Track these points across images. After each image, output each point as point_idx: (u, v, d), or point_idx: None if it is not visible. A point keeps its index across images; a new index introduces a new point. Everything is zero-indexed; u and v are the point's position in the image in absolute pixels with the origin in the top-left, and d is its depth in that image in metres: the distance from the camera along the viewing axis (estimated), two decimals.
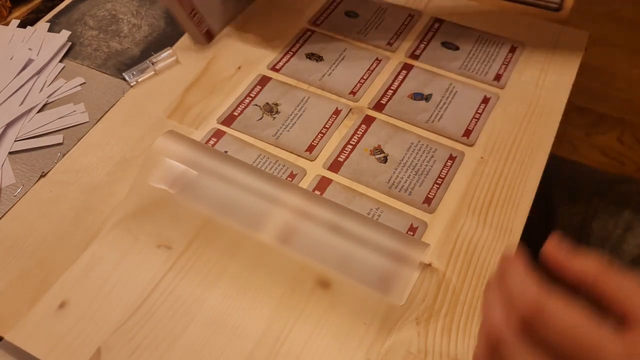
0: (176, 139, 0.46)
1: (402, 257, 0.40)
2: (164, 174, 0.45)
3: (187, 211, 0.46)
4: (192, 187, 0.45)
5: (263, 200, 0.44)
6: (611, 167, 1.26)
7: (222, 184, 0.45)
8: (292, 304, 0.41)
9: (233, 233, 0.44)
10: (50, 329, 0.40)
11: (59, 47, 0.58)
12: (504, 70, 0.56)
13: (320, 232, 0.42)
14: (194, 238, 0.44)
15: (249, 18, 0.61)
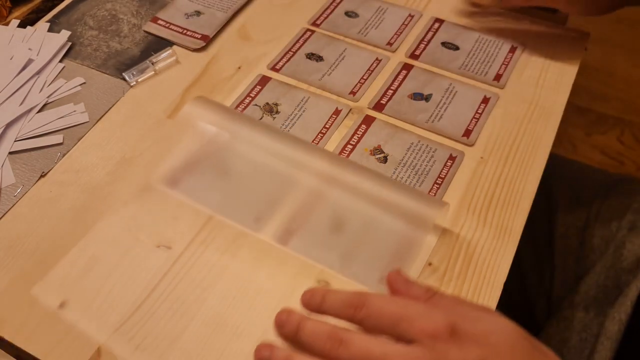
0: (205, 104, 0.49)
1: (421, 218, 0.43)
2: (194, 138, 0.48)
3: (187, 211, 0.46)
4: (223, 149, 0.47)
5: (291, 164, 0.46)
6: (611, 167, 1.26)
7: (252, 147, 0.47)
8: (292, 304, 0.41)
9: (233, 233, 0.44)
10: (50, 329, 0.40)
11: (59, 47, 0.58)
12: (504, 70, 0.56)
13: (345, 196, 0.45)
14: (194, 238, 0.44)
15: (249, 18, 0.61)
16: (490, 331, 0.32)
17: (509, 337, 0.32)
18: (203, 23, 0.60)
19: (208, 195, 0.46)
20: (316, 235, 0.44)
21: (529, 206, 0.46)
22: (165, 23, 0.60)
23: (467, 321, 0.32)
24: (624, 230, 0.57)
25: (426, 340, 0.31)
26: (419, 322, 0.31)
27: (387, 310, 0.33)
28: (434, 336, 0.31)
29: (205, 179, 0.47)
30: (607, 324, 0.50)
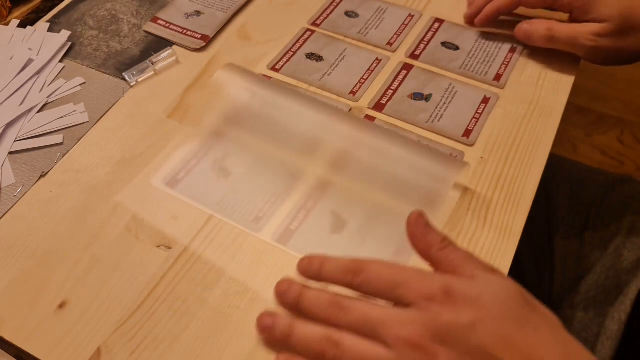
0: (236, 71, 0.52)
1: (443, 177, 0.45)
2: (226, 104, 0.51)
3: (187, 211, 0.46)
4: (254, 114, 0.50)
5: (318, 127, 0.48)
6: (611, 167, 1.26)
7: (282, 111, 0.49)
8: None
9: (233, 233, 0.44)
10: (50, 329, 0.40)
11: (59, 47, 0.58)
12: (504, 70, 0.56)
13: (370, 157, 0.47)
14: (194, 238, 0.44)
15: (249, 18, 0.61)
16: (486, 292, 0.32)
17: (504, 298, 0.32)
18: (203, 23, 0.60)
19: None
20: (343, 194, 0.46)
21: (529, 206, 0.46)
22: (165, 23, 0.60)
23: (463, 283, 0.33)
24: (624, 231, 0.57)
25: (422, 302, 0.32)
26: (415, 285, 0.33)
27: (384, 275, 0.34)
28: (429, 298, 0.32)
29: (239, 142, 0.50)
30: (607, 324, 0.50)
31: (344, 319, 0.33)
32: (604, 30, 0.51)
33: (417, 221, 0.36)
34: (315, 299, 0.35)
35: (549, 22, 0.54)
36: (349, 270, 0.35)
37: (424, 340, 0.31)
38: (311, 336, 0.34)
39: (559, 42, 0.53)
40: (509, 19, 0.59)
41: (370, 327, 0.33)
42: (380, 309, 0.33)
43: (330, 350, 0.33)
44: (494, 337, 0.31)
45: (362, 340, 0.33)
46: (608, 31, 0.50)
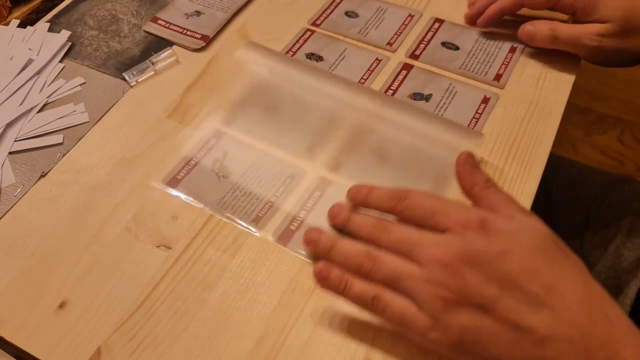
0: (257, 49, 0.55)
1: (458, 148, 0.46)
2: (249, 80, 0.54)
3: (187, 211, 0.46)
4: (274, 90, 0.53)
5: (336, 102, 0.51)
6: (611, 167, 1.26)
7: (302, 87, 0.52)
8: (292, 304, 0.41)
9: (233, 233, 0.44)
10: (50, 329, 0.40)
11: (59, 47, 0.58)
12: (504, 70, 0.56)
13: (389, 130, 0.49)
14: (194, 238, 0.44)
15: (249, 18, 0.61)
16: (519, 230, 0.35)
17: (537, 237, 0.35)
18: (203, 23, 0.60)
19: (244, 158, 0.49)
20: (363, 165, 0.48)
21: (529, 206, 0.46)
22: (165, 23, 0.60)
23: (499, 219, 0.35)
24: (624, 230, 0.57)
25: (457, 229, 0.35)
26: (453, 214, 0.36)
27: (426, 203, 0.37)
28: (464, 226, 0.35)
29: (255, 118, 0.52)
30: None
31: (384, 238, 0.37)
32: (607, 30, 0.51)
33: (466, 160, 0.39)
34: (361, 220, 0.39)
35: (552, 22, 0.54)
36: (394, 196, 0.38)
37: (454, 261, 0.34)
38: (351, 250, 0.37)
39: (562, 42, 0.53)
40: (510, 18, 0.59)
41: (407, 247, 0.36)
42: (419, 232, 0.36)
43: (367, 264, 0.36)
44: (521, 267, 0.33)
45: (398, 258, 0.36)
46: (611, 32, 0.51)
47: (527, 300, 0.32)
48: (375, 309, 0.36)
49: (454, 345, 0.34)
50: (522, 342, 0.32)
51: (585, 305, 0.32)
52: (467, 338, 0.33)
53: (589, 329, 0.32)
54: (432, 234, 0.36)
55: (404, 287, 0.35)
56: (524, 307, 0.32)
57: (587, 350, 0.31)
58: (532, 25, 0.54)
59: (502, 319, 0.33)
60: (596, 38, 0.51)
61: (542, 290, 0.33)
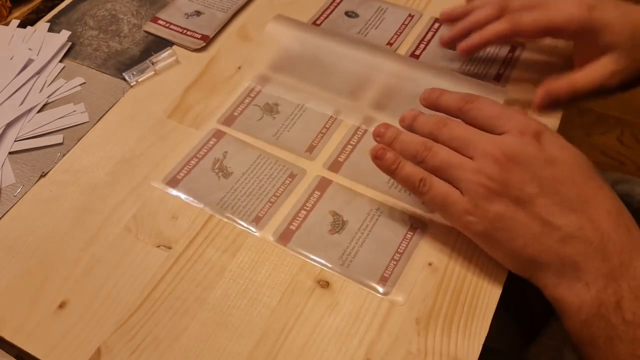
0: (286, 22, 0.58)
1: None
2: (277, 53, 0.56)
3: (187, 211, 0.46)
4: (304, 60, 0.55)
5: (365, 65, 0.54)
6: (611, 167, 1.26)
7: (329, 55, 0.55)
8: (292, 304, 0.41)
9: (233, 232, 0.44)
10: (50, 329, 0.40)
11: (59, 47, 0.58)
12: (504, 70, 0.56)
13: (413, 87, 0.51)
14: (194, 238, 0.44)
15: (249, 18, 0.61)
16: (567, 148, 0.40)
17: (578, 156, 0.39)
18: (203, 23, 0.60)
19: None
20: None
21: None
22: (165, 23, 0.60)
23: (554, 135, 0.40)
24: None
25: (515, 132, 0.39)
26: (514, 120, 0.39)
27: (491, 107, 0.41)
28: (521, 132, 0.39)
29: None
30: None
31: (444, 132, 0.40)
32: (618, 62, 0.46)
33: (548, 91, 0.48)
34: (425, 119, 0.42)
35: (567, 78, 0.48)
36: (464, 98, 0.42)
37: (503, 157, 0.38)
38: (412, 139, 0.41)
39: (582, 94, 0.48)
40: None
41: (463, 143, 0.39)
42: (477, 131, 0.40)
43: (423, 152, 0.40)
44: (562, 175, 0.38)
45: (453, 151, 0.40)
46: (622, 62, 0.46)
47: (562, 204, 0.37)
48: (420, 189, 0.40)
49: (485, 230, 0.39)
50: (547, 237, 0.37)
51: (612, 216, 0.37)
52: (499, 225, 0.38)
53: (610, 235, 0.36)
54: (490, 134, 0.39)
55: (453, 175, 0.39)
56: (557, 208, 0.37)
57: (604, 252, 0.35)
58: (546, 92, 0.48)
59: (534, 214, 0.37)
60: (618, 77, 0.47)
61: (577, 198, 0.37)
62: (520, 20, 0.48)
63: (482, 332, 0.39)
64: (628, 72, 0.47)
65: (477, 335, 0.39)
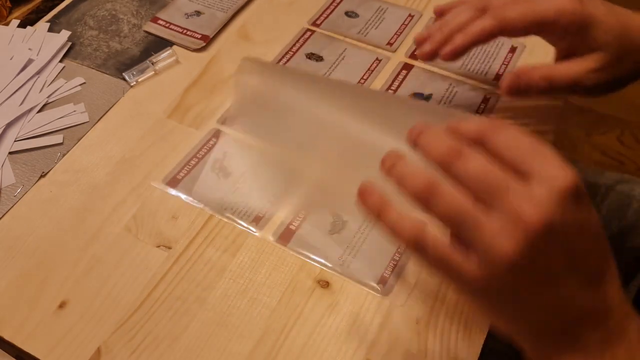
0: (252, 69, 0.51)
1: None
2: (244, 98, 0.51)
3: (187, 211, 0.46)
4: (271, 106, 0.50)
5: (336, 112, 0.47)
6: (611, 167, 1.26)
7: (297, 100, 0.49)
8: (292, 303, 0.41)
9: (233, 232, 0.44)
10: (50, 329, 0.40)
11: (59, 47, 0.58)
12: (504, 70, 0.56)
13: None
14: (194, 238, 0.44)
15: (249, 18, 0.61)
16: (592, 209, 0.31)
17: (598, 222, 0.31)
18: (203, 23, 0.60)
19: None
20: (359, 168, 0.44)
21: None
22: (165, 23, 0.60)
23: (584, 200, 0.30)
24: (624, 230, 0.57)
25: (552, 186, 0.29)
26: (549, 166, 0.29)
27: (520, 139, 0.31)
28: (560, 188, 0.29)
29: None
30: None
31: (458, 168, 0.30)
32: (602, 62, 0.44)
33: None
34: (433, 140, 0.32)
35: (542, 68, 0.45)
36: (485, 126, 0.31)
37: (540, 226, 0.28)
38: (413, 171, 0.31)
39: (558, 88, 0.46)
40: None
41: (485, 188, 0.29)
42: (504, 175, 0.29)
43: (425, 193, 0.31)
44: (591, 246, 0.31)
45: (466, 198, 0.30)
46: (606, 63, 0.44)
47: (584, 280, 0.31)
48: (413, 247, 0.31)
49: (491, 301, 0.32)
50: (561, 316, 0.31)
51: (618, 287, 0.33)
52: (511, 298, 0.31)
53: (615, 307, 0.33)
54: (520, 184, 0.29)
55: (465, 233, 0.30)
56: (579, 287, 0.31)
57: (606, 324, 0.32)
58: (517, 76, 0.45)
59: (556, 295, 0.30)
60: (594, 76, 0.45)
61: (597, 271, 0.32)
62: (506, 15, 0.43)
63: (482, 332, 0.39)
64: (609, 72, 0.45)
65: (477, 335, 0.39)
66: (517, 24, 0.43)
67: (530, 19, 0.43)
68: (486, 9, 0.44)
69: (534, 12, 0.43)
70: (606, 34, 0.43)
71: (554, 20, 0.43)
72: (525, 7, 0.43)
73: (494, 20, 0.43)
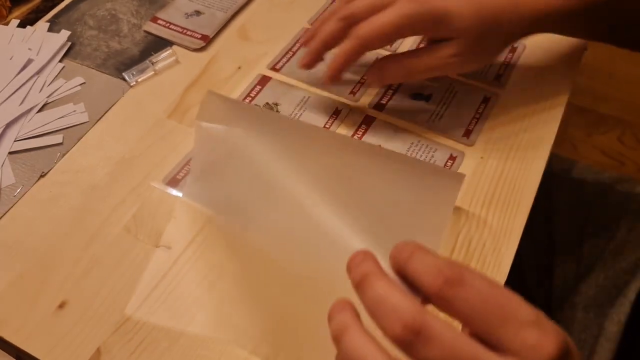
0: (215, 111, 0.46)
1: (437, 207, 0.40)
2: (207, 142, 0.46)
3: (187, 211, 0.46)
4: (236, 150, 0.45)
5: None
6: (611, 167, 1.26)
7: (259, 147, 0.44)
8: (293, 303, 0.41)
9: (233, 233, 0.44)
10: (50, 329, 0.40)
11: (59, 47, 0.58)
12: (504, 71, 0.56)
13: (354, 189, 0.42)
14: (194, 238, 0.44)
15: (249, 18, 0.61)
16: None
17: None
18: (203, 23, 0.60)
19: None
20: None
21: (529, 206, 0.46)
22: (165, 23, 0.60)
23: None
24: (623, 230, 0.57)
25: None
26: (529, 332, 0.24)
27: (490, 299, 0.25)
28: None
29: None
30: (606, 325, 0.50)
31: (421, 352, 0.24)
32: (461, 48, 0.46)
33: None
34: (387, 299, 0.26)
35: (401, 58, 0.48)
36: (444, 274, 0.26)
37: None
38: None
39: (418, 76, 0.49)
40: None
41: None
42: (474, 346, 0.24)
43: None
44: None
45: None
46: (466, 47, 0.46)
47: None
48: None
49: None
50: None
51: None
52: None
53: None
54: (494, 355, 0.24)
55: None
56: None
57: None
58: (379, 68, 0.48)
59: None
60: (456, 59, 0.46)
61: None
62: (361, 34, 0.45)
63: None
64: (472, 52, 0.47)
65: None
66: (373, 40, 0.45)
67: (381, 32, 0.44)
68: (348, 17, 0.46)
69: (380, 25, 0.44)
70: (461, 22, 0.44)
71: (401, 26, 0.44)
72: (374, 22, 0.44)
73: (355, 40, 0.45)
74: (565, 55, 0.56)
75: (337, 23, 0.46)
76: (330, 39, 0.47)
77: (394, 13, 0.44)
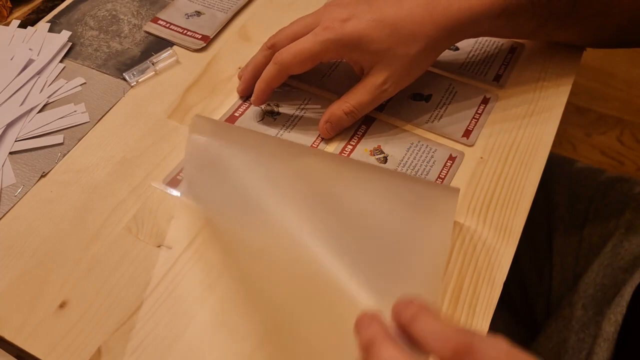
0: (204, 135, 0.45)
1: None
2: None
3: (187, 211, 0.46)
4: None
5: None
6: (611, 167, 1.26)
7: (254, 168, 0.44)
8: (293, 303, 0.41)
9: (233, 233, 0.44)
10: (50, 329, 0.40)
11: (60, 47, 0.58)
12: (504, 70, 0.56)
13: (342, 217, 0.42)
14: (194, 238, 0.44)
15: (249, 18, 0.61)
16: None
17: None
18: (203, 23, 0.60)
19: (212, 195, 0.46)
20: None
21: (529, 206, 0.46)
22: (166, 23, 0.60)
23: None
24: (622, 229, 0.57)
25: None
26: None
27: None
28: None
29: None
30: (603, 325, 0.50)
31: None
32: (387, 68, 0.46)
33: None
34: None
35: (340, 103, 0.49)
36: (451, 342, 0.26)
37: None
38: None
39: (364, 112, 0.49)
40: None
41: None
42: None
43: None
44: None
45: None
46: (389, 67, 0.46)
47: None
48: None
49: None
50: None
51: None
52: None
53: None
54: None
55: None
56: None
57: None
58: (328, 121, 0.49)
59: None
60: (386, 87, 0.47)
61: None
62: (279, 59, 0.48)
63: (482, 331, 0.39)
64: (402, 76, 0.47)
65: None
66: (294, 65, 0.48)
67: (301, 58, 0.47)
68: (274, 46, 0.50)
69: (299, 51, 0.47)
70: (379, 44, 0.45)
71: (317, 52, 0.46)
72: (294, 48, 0.47)
73: (276, 65, 0.48)
74: (564, 55, 0.56)
75: (263, 52, 0.51)
76: (259, 68, 0.50)
77: (310, 39, 0.46)
